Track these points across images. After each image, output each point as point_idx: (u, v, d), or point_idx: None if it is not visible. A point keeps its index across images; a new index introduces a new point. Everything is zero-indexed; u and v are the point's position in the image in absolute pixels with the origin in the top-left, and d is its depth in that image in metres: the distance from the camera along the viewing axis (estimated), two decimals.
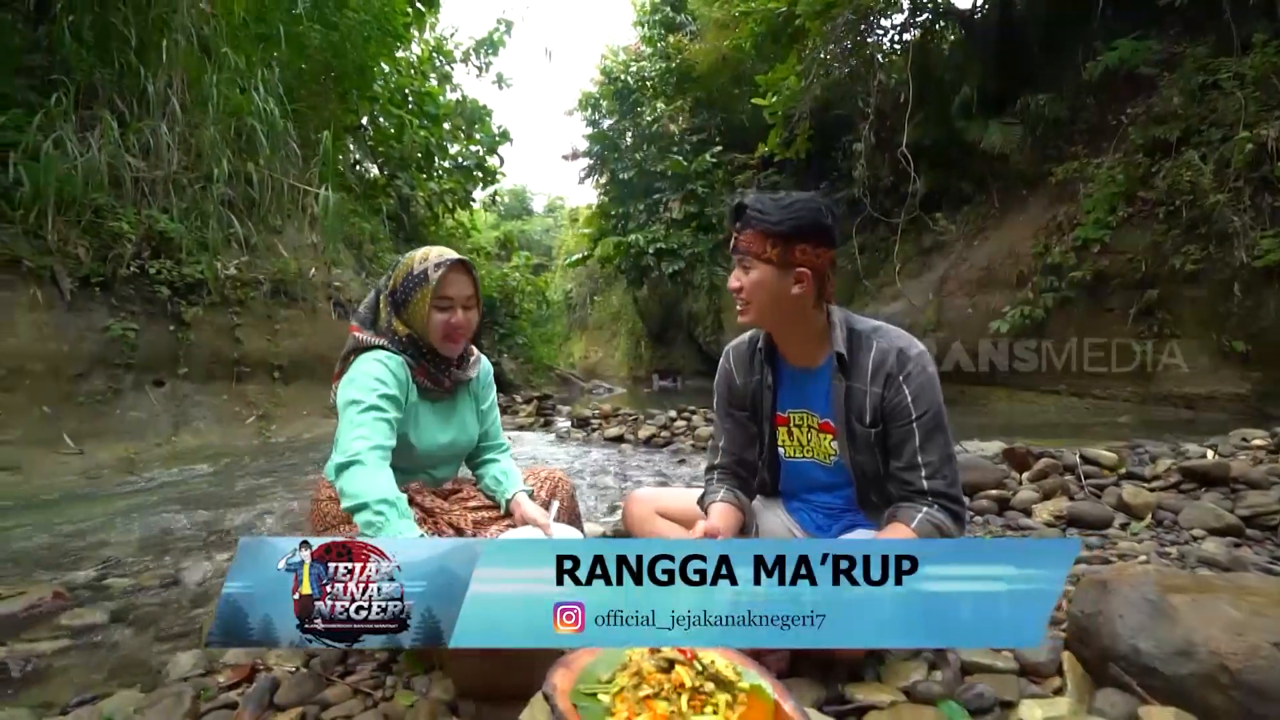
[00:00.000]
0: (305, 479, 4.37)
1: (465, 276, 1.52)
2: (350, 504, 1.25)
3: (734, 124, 14.38)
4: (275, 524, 3.16)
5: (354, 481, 1.27)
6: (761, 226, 1.35)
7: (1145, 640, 1.15)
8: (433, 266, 1.48)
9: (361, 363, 1.45)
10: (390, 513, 1.22)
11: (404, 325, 1.51)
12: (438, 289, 1.47)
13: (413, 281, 1.49)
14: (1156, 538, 1.99)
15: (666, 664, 0.84)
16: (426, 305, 1.48)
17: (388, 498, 1.24)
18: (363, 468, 1.28)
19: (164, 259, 5.79)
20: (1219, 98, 6.11)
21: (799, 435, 1.56)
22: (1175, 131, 6.30)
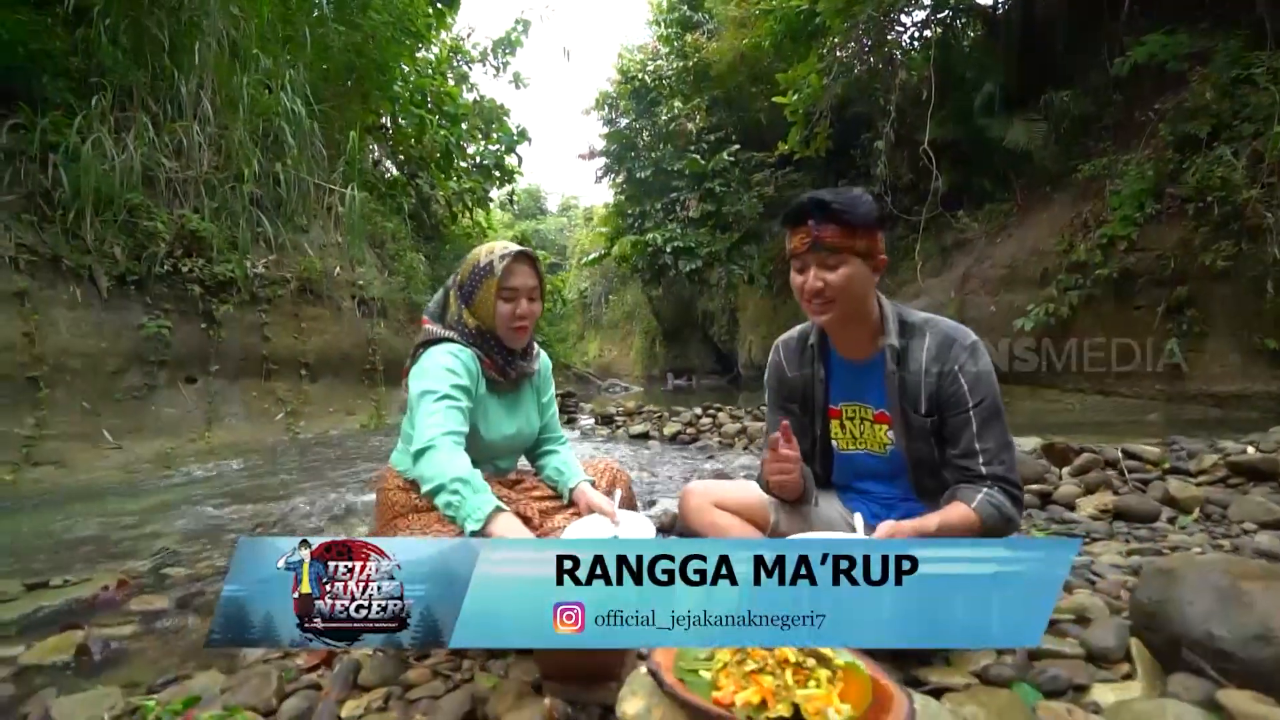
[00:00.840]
0: (337, 474, 4.45)
1: (529, 268, 1.56)
2: (428, 487, 1.29)
3: (750, 123, 14.35)
4: (317, 517, 3.22)
5: (430, 465, 1.30)
6: (848, 219, 1.34)
7: (1219, 626, 1.16)
8: (498, 258, 1.52)
9: (433, 354, 1.50)
10: (465, 489, 1.25)
11: (473, 317, 1.54)
12: (503, 280, 1.51)
13: (479, 273, 1.53)
14: (1206, 531, 1.99)
15: None
16: (492, 296, 1.51)
17: (462, 476, 1.27)
18: (437, 451, 1.31)
19: (196, 258, 5.91)
20: (1252, 92, 6.02)
21: (851, 427, 1.58)
22: (1206, 127, 6.22)
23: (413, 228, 9.62)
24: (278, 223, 6.63)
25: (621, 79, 15.78)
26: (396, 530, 1.54)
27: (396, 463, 1.61)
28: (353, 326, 7.35)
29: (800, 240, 1.39)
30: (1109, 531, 2.05)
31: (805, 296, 1.43)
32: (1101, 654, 1.27)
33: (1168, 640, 1.24)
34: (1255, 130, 5.95)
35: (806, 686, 0.82)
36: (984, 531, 1.31)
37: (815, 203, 1.36)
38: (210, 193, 6.10)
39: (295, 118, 6.86)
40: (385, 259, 8.54)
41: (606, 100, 16.24)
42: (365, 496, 3.56)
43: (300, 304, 6.79)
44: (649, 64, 15.53)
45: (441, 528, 1.49)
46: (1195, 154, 6.26)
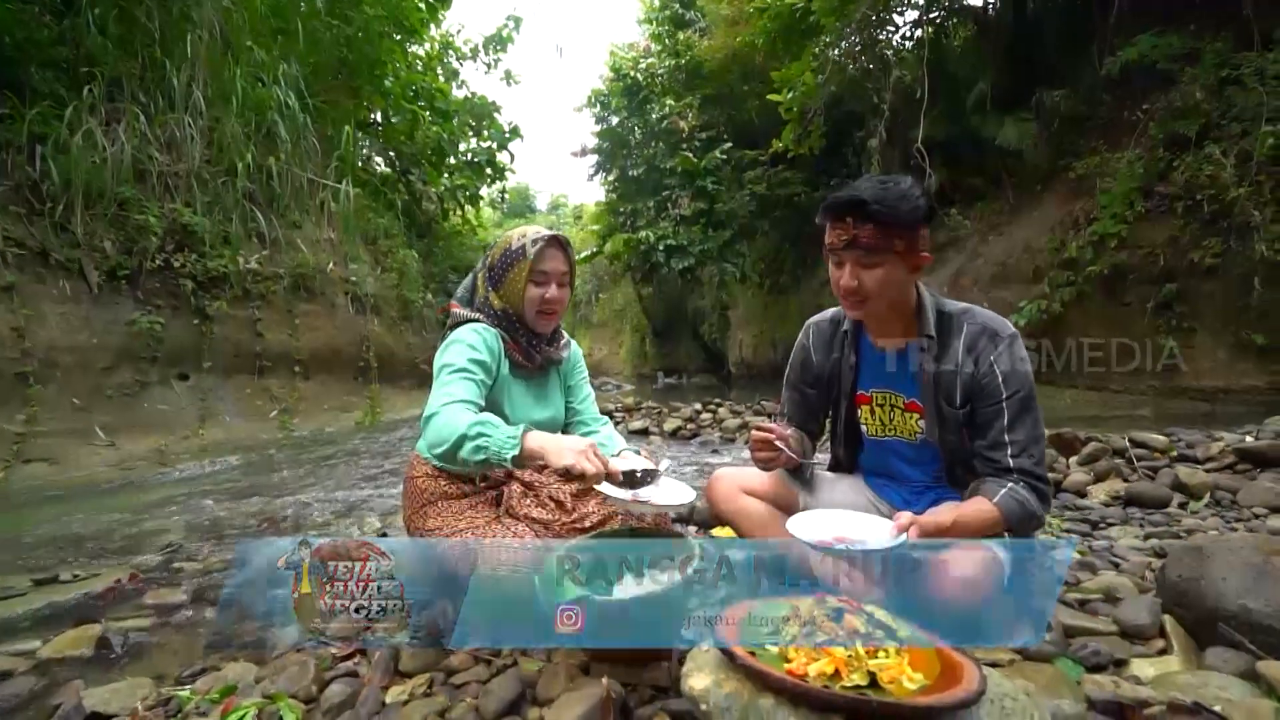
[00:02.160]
0: (338, 470, 4.41)
1: (561, 253, 1.55)
2: (446, 447, 1.23)
3: (742, 121, 14.39)
4: (321, 511, 3.19)
5: (437, 428, 1.26)
6: (888, 219, 1.29)
7: (1254, 600, 1.18)
8: (530, 242, 1.52)
9: (458, 333, 1.49)
10: (487, 428, 1.21)
11: (499, 299, 1.54)
12: (535, 263, 1.50)
13: (510, 257, 1.52)
14: (1218, 515, 2.03)
15: (835, 613, 0.88)
16: (523, 280, 1.51)
17: (477, 420, 1.23)
18: (438, 415, 1.28)
19: (188, 253, 5.82)
20: (1239, 93, 6.14)
21: (881, 414, 1.57)
22: (1195, 126, 6.33)
23: (405, 224, 9.55)
24: (271, 218, 6.55)
25: (614, 76, 15.73)
26: (426, 518, 1.52)
27: (424, 449, 1.59)
28: (346, 323, 7.29)
29: (837, 236, 1.35)
30: (1123, 517, 2.08)
31: (840, 293, 1.41)
32: (1136, 630, 1.29)
33: (1201, 616, 1.26)
34: (1243, 130, 6.07)
35: (876, 657, 0.83)
36: (1006, 527, 1.27)
37: (853, 201, 1.31)
38: (202, 187, 6.01)
39: (288, 111, 6.77)
40: (378, 256, 8.47)
41: (598, 98, 16.18)
42: (371, 491, 3.53)
43: (294, 300, 6.71)
44: (641, 62, 15.50)
45: (474, 513, 1.48)
46: (1184, 153, 6.37)
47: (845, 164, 11.25)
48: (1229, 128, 6.13)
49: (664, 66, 15.07)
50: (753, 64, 12.91)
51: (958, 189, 9.58)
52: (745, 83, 13.82)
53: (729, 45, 13.03)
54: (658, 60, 15.29)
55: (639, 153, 15.52)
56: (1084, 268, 6.98)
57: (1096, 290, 6.94)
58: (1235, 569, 1.25)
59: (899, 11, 10.29)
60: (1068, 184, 7.81)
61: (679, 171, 14.27)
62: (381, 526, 2.37)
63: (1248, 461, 2.38)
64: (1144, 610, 1.31)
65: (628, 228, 15.19)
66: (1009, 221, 8.71)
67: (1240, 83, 6.20)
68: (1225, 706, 0.98)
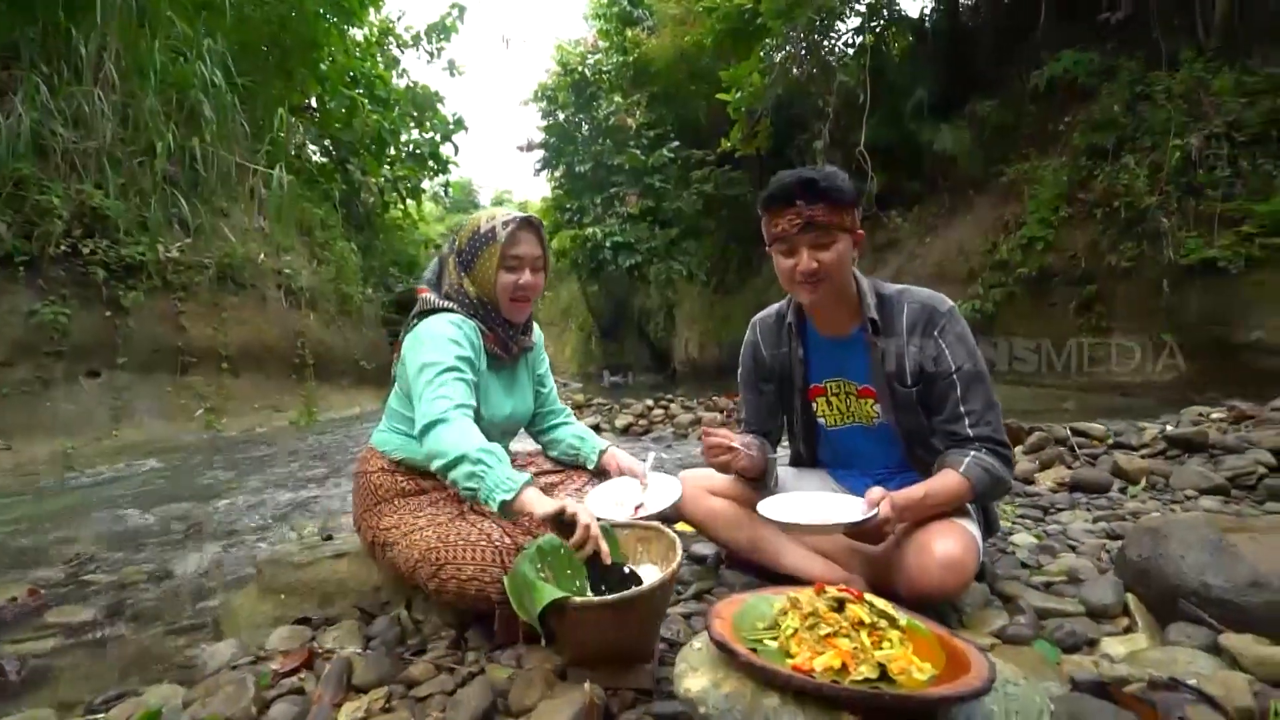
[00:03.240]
0: (273, 472, 4.13)
1: (534, 236, 1.46)
2: (444, 461, 1.16)
3: (689, 120, 14.48)
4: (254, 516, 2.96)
5: (443, 439, 1.18)
6: (837, 197, 1.33)
7: (1214, 576, 1.22)
8: (501, 224, 1.42)
9: (432, 323, 1.37)
10: (491, 460, 1.15)
11: (473, 285, 1.44)
12: (506, 247, 1.41)
13: (480, 240, 1.42)
14: (1155, 498, 2.14)
15: (837, 604, 0.84)
16: (494, 264, 1.41)
17: (486, 447, 1.17)
18: (449, 425, 1.20)
19: (99, 238, 5.34)
20: (1150, 108, 6.60)
21: (838, 403, 1.56)
22: (1112, 138, 6.77)
23: (343, 216, 9.12)
24: (194, 203, 6.10)
25: (561, 71, 15.53)
26: (380, 516, 1.40)
27: (380, 443, 1.47)
28: (279, 318, 6.87)
29: (789, 222, 1.35)
30: (1071, 502, 2.17)
31: (797, 279, 1.39)
32: (1101, 610, 1.32)
33: (1162, 593, 1.30)
34: (1153, 143, 6.52)
35: (881, 647, 0.79)
36: (976, 495, 1.32)
37: (804, 182, 1.33)
38: (115, 167, 5.53)
39: (214, 90, 6.32)
40: (314, 247, 8.03)
41: (545, 92, 15.92)
42: (310, 493, 3.32)
43: (220, 292, 6.28)
44: (589, 58, 15.37)
45: (435, 510, 1.37)
46: (1103, 163, 6.79)
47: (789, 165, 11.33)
48: (1142, 140, 6.57)
49: (612, 63, 14.99)
50: (700, 64, 13.01)
51: (896, 192, 9.92)
52: (693, 82, 13.91)
53: (677, 44, 13.08)
54: (605, 57, 15.19)
55: (586, 149, 15.37)
56: (1014, 269, 7.35)
57: (1026, 290, 7.31)
58: (1192, 547, 1.29)
59: (842, 19, 10.58)
60: (999, 189, 8.21)
61: (626, 169, 14.23)
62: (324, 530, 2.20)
63: (1177, 447, 2.53)
64: (1108, 590, 1.35)
65: (574, 224, 15.03)
66: (945, 224, 9.09)
67: (1151, 99, 6.67)
68: (1199, 680, 1.00)
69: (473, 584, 1.22)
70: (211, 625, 1.70)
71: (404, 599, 1.50)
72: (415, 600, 1.48)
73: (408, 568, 1.31)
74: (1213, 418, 3.04)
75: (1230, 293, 5.97)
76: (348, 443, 5.25)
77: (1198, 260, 6.03)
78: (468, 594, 1.23)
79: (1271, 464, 2.23)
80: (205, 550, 2.38)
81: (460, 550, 1.24)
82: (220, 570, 2.18)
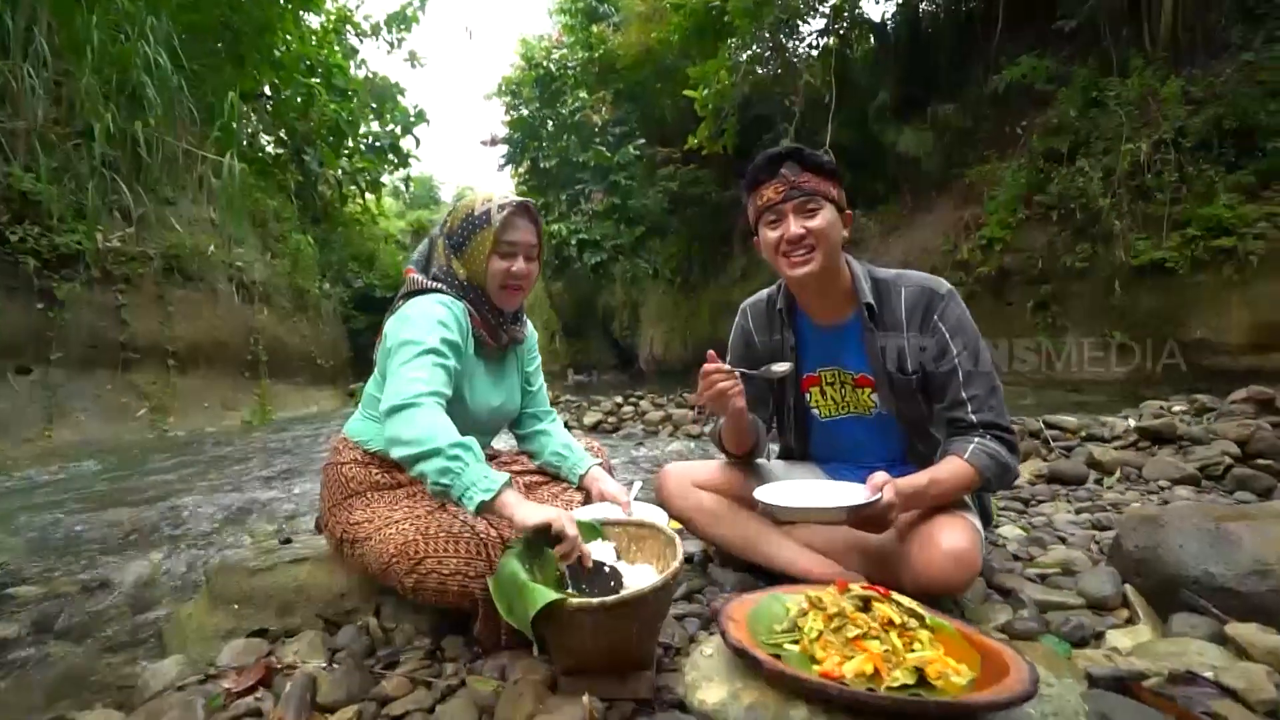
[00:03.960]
0: (220, 473, 3.89)
1: (530, 223, 1.38)
2: (413, 451, 1.05)
3: (655, 118, 14.44)
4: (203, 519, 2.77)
5: (414, 425, 1.08)
6: (823, 163, 1.33)
7: (1215, 565, 1.21)
8: (496, 208, 1.33)
9: (419, 302, 1.28)
10: (467, 456, 1.05)
11: (464, 268, 1.34)
12: (501, 232, 1.32)
13: (473, 223, 1.33)
14: (1131, 488, 2.16)
15: (862, 602, 0.77)
16: (487, 250, 1.32)
17: (462, 441, 1.06)
18: (420, 410, 1.09)
19: (29, 225, 4.99)
20: (1103, 114, 6.84)
21: (832, 393, 1.50)
22: (1067, 142, 6.99)
23: (299, 208, 8.75)
24: (138, 191, 5.75)
25: (525, 66, 15.29)
26: (351, 510, 1.29)
27: (355, 433, 1.36)
28: (231, 312, 6.54)
29: (775, 190, 1.33)
30: (1051, 494, 2.18)
31: (784, 249, 1.34)
32: (1100, 601, 1.30)
33: (1161, 583, 1.28)
34: (1106, 148, 6.75)
35: (913, 649, 0.73)
36: (983, 482, 1.26)
37: (789, 150, 1.34)
38: (48, 150, 5.16)
39: (159, 71, 5.96)
40: (268, 240, 7.68)
41: (509, 86, 15.67)
42: (266, 494, 3.12)
43: (166, 285, 5.93)
44: (554, 52, 15.18)
45: (412, 503, 1.27)
46: (1059, 166, 7.01)
47: None
48: (1096, 145, 6.80)
49: (577, 59, 14.83)
50: (666, 61, 12.98)
51: (860, 192, 10.07)
52: (658, 80, 13.87)
53: (643, 41, 13.01)
54: (570, 52, 15.02)
55: (551, 145, 15.17)
56: (974, 269, 7.53)
57: (985, 290, 7.49)
58: (1190, 536, 1.28)
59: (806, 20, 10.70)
60: (960, 190, 8.40)
61: (592, 166, 14.10)
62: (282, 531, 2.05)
63: (1147, 439, 2.59)
64: (1106, 581, 1.33)
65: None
66: (908, 224, 9.27)
67: (1103, 105, 6.90)
68: (1216, 673, 0.97)
69: (455, 579, 1.13)
70: (155, 640, 1.55)
71: (373, 605, 1.38)
72: (385, 606, 1.37)
73: (380, 565, 1.20)
74: (1174, 410, 3.12)
75: (1177, 293, 6.23)
76: (305, 442, 5.01)
77: (1147, 261, 6.27)
78: (449, 591, 1.13)
79: (1237, 454, 2.29)
80: (148, 558, 2.19)
81: (441, 543, 1.15)
82: (164, 579, 2.01)
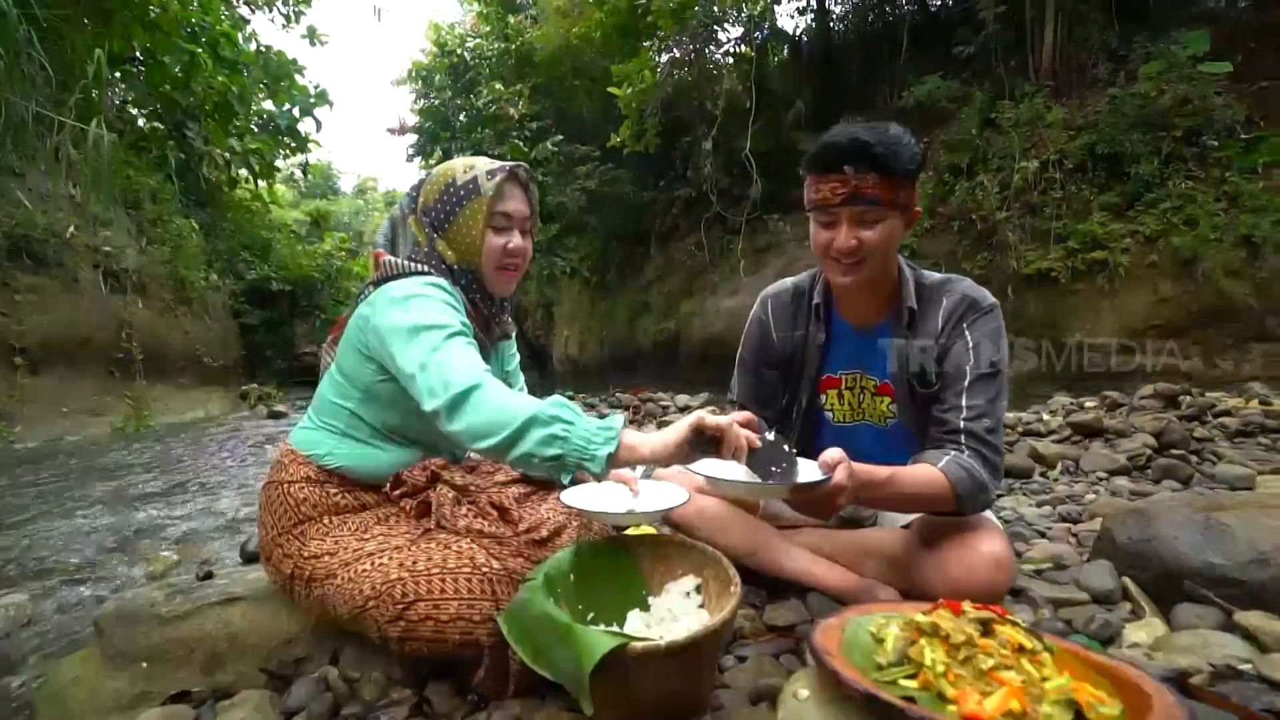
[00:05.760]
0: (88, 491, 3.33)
1: (523, 192, 1.19)
2: (502, 435, 0.87)
3: (572, 114, 14.23)
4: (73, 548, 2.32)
5: (487, 408, 0.90)
6: (894, 167, 1.13)
7: (1215, 555, 1.24)
8: (485, 174, 1.13)
9: (412, 284, 1.05)
10: (566, 412, 0.90)
11: (451, 249, 1.13)
12: (494, 203, 1.13)
13: (459, 194, 1.13)
14: (1076, 480, 2.28)
15: (981, 627, 0.68)
16: (480, 223, 1.12)
17: (553, 400, 0.91)
18: (485, 389, 0.92)
19: None
20: (997, 134, 7.42)
21: (850, 398, 1.41)
22: (967, 158, 7.53)
23: (180, 189, 7.81)
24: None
25: (438, 52, 14.62)
26: (305, 539, 1.06)
27: (306, 444, 1.12)
28: (97, 304, 5.69)
29: (832, 190, 1.17)
30: (1006, 487, 2.25)
31: (833, 255, 1.22)
32: (1104, 596, 1.31)
33: (1160, 575, 1.30)
34: (1000, 165, 7.33)
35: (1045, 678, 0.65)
36: (955, 496, 1.13)
37: (857, 145, 1.13)
38: None
39: None
40: (144, 223, 6.77)
41: (420, 73, 14.91)
42: (156, 514, 2.68)
43: (11, 270, 5.06)
44: (468, 41, 14.60)
45: (386, 529, 1.06)
46: (961, 180, 7.53)
47: (673, 166, 11.68)
48: (992, 162, 7.37)
49: (493, 49, 14.35)
50: (586, 58, 12.84)
51: (778, 197, 10.39)
52: (577, 76, 13.69)
53: (562, 35, 12.79)
54: (486, 42, 14.52)
55: (465, 137, 14.58)
56: None
57: None
58: (1183, 527, 1.31)
59: (723, 27, 10.91)
60: None
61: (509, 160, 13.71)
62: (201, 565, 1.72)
63: (1079, 433, 2.76)
64: (1106, 575, 1.34)
65: None
66: None
67: (998, 126, 7.50)
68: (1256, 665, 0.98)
69: (456, 625, 0.93)
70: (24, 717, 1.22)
71: (329, 651, 1.15)
72: (345, 651, 1.14)
73: (351, 609, 0.98)
74: (1086, 406, 3.37)
75: (1060, 300, 6.85)
76: (192, 451, 4.43)
77: (1035, 271, 6.86)
78: (448, 640, 0.94)
79: (1155, 446, 2.47)
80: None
81: (436, 581, 0.95)
82: (28, 632, 1.63)
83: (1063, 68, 7.79)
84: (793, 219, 10.26)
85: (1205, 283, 5.80)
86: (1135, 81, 6.84)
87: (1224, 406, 3.15)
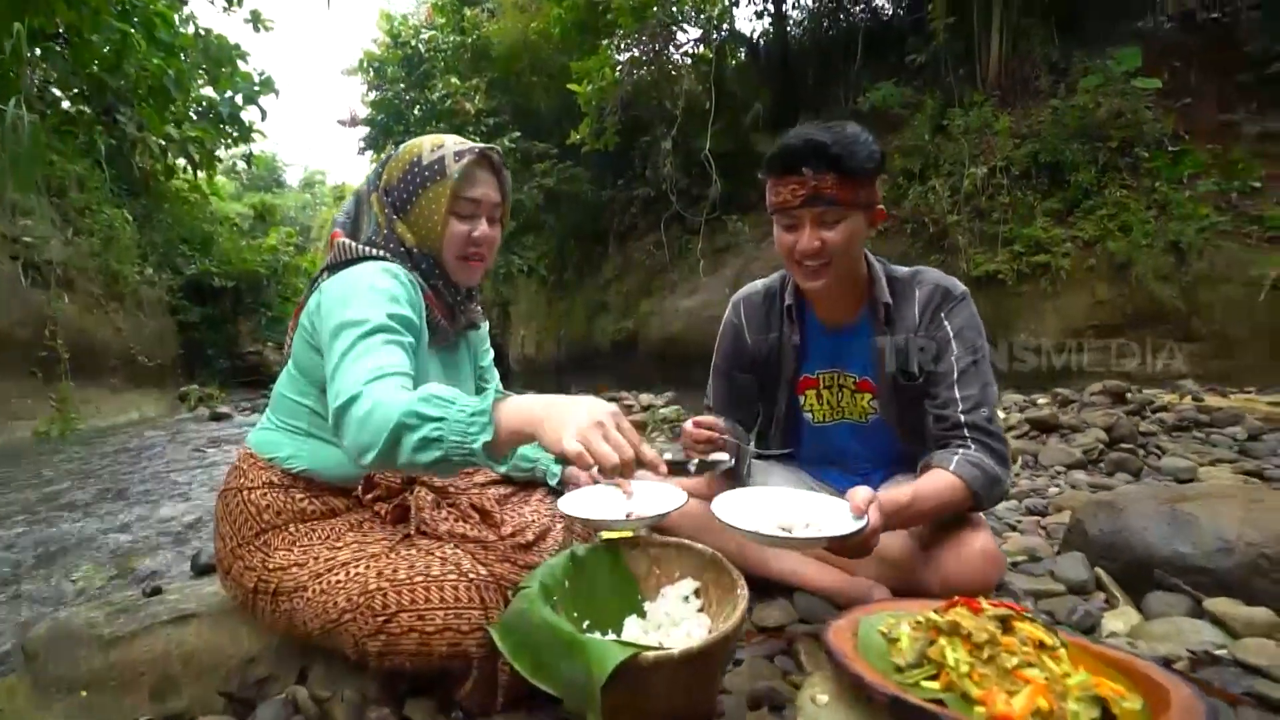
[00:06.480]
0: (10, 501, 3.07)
1: (493, 176, 1.12)
2: (381, 445, 0.77)
3: (530, 111, 14.06)
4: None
5: (366, 416, 0.79)
6: (853, 167, 1.15)
7: (1183, 544, 1.28)
8: (452, 155, 1.06)
9: (357, 272, 0.98)
10: (437, 404, 0.78)
11: (411, 232, 1.06)
12: (460, 187, 1.06)
13: (422, 175, 1.05)
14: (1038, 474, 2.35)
15: (1001, 625, 0.66)
16: (442, 208, 1.05)
17: (422, 395, 0.79)
18: (364, 397, 0.81)
19: None
20: (948, 141, 7.67)
21: (829, 397, 1.41)
22: (919, 163, 7.76)
23: (111, 177, 7.32)
24: None
25: (391, 43, 14.21)
26: (271, 550, 0.98)
27: (266, 446, 1.03)
28: (15, 298, 5.27)
29: (792, 192, 1.18)
30: None
31: (796, 259, 1.23)
32: (1080, 586, 1.34)
33: (1131, 565, 1.34)
34: (951, 170, 7.59)
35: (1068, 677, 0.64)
36: (973, 497, 1.13)
37: (812, 146, 1.14)
38: None
39: None
40: (69, 213, 6.30)
41: (372, 64, 14.46)
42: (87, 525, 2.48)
43: None
44: (423, 32, 14.25)
45: (360, 537, 0.98)
46: (914, 183, 7.76)
47: (632, 166, 11.67)
48: (944, 167, 7.62)
49: (449, 42, 14.04)
50: (543, 55, 12.70)
51: (736, 198, 10.50)
52: (535, 72, 13.53)
53: (520, 30, 12.61)
54: (441, 34, 14.19)
55: (419, 131, 14.22)
56: None
57: None
58: (1151, 518, 1.36)
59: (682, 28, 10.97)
60: None
61: None
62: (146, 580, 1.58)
63: (1036, 429, 2.86)
64: (1079, 566, 1.37)
65: None
66: None
67: (948, 132, 7.76)
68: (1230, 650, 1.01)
69: (443, 637, 0.86)
70: None
71: (295, 669, 1.07)
72: (314, 668, 1.07)
73: (324, 623, 0.91)
74: (1039, 402, 3.50)
75: (1006, 301, 7.13)
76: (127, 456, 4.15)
77: (983, 273, 7.13)
78: (433, 653, 0.87)
79: (1106, 440, 2.58)
80: None
81: (419, 591, 0.88)
82: None
83: (1008, 79, 8.12)
84: (751, 219, 10.38)
85: (1138, 286, 6.13)
86: (1074, 94, 7.18)
87: (1161, 403, 3.33)
